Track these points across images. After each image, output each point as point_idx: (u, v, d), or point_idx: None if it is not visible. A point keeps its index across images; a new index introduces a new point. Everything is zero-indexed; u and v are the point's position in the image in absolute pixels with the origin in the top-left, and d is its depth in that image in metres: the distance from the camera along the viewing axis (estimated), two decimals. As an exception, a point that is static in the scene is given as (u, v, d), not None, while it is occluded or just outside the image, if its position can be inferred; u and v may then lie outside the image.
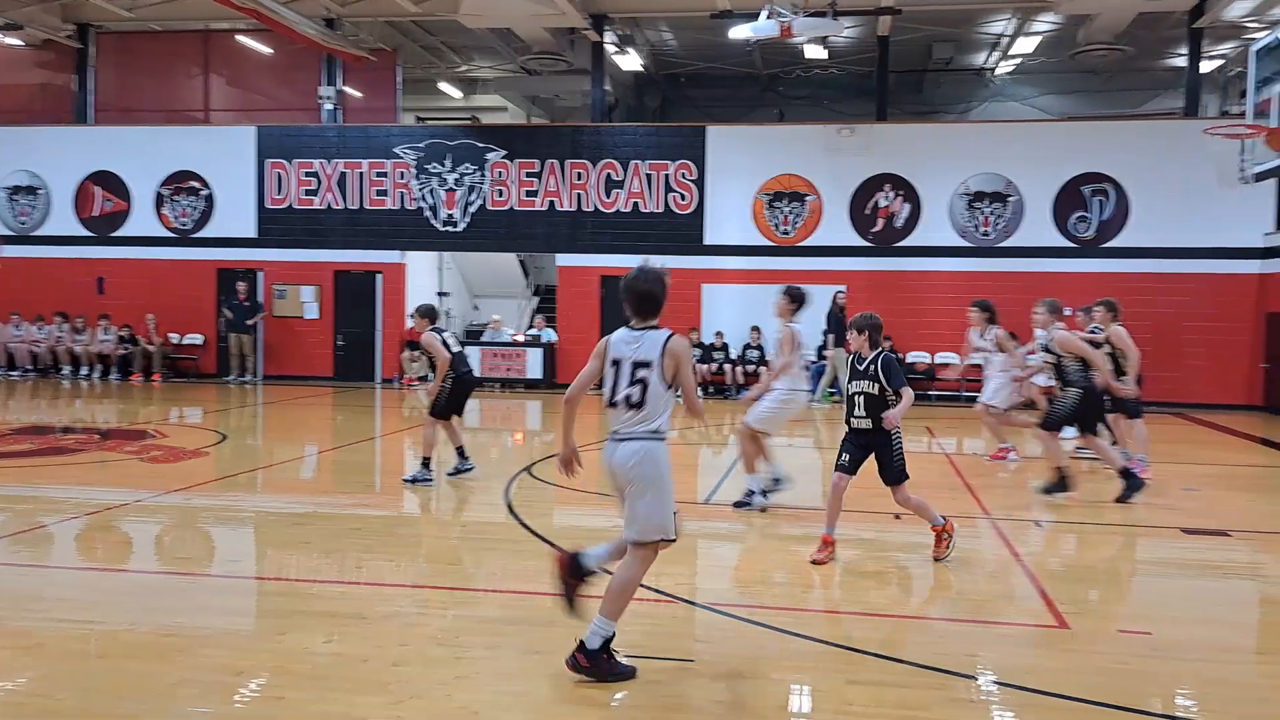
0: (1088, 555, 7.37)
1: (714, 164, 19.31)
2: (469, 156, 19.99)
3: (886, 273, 18.84)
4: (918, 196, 18.83)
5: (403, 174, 20.20)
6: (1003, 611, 5.83)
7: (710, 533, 7.79)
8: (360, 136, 20.48)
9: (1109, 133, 18.85)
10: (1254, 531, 8.03)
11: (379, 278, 20.51)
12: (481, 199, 19.97)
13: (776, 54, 22.45)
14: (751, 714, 4.17)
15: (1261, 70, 13.39)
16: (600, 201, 19.61)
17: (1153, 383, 17.65)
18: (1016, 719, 4.20)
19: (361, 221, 20.36)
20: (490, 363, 19.66)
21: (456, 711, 4.14)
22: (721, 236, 19.31)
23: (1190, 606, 6.01)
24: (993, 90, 24.73)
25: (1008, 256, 18.49)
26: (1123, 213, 18.22)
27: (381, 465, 11.45)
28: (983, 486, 9.68)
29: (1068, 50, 20.82)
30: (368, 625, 5.19)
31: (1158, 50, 21.48)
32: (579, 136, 19.93)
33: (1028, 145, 18.76)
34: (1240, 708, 4.34)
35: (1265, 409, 17.17)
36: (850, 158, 18.93)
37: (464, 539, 7.32)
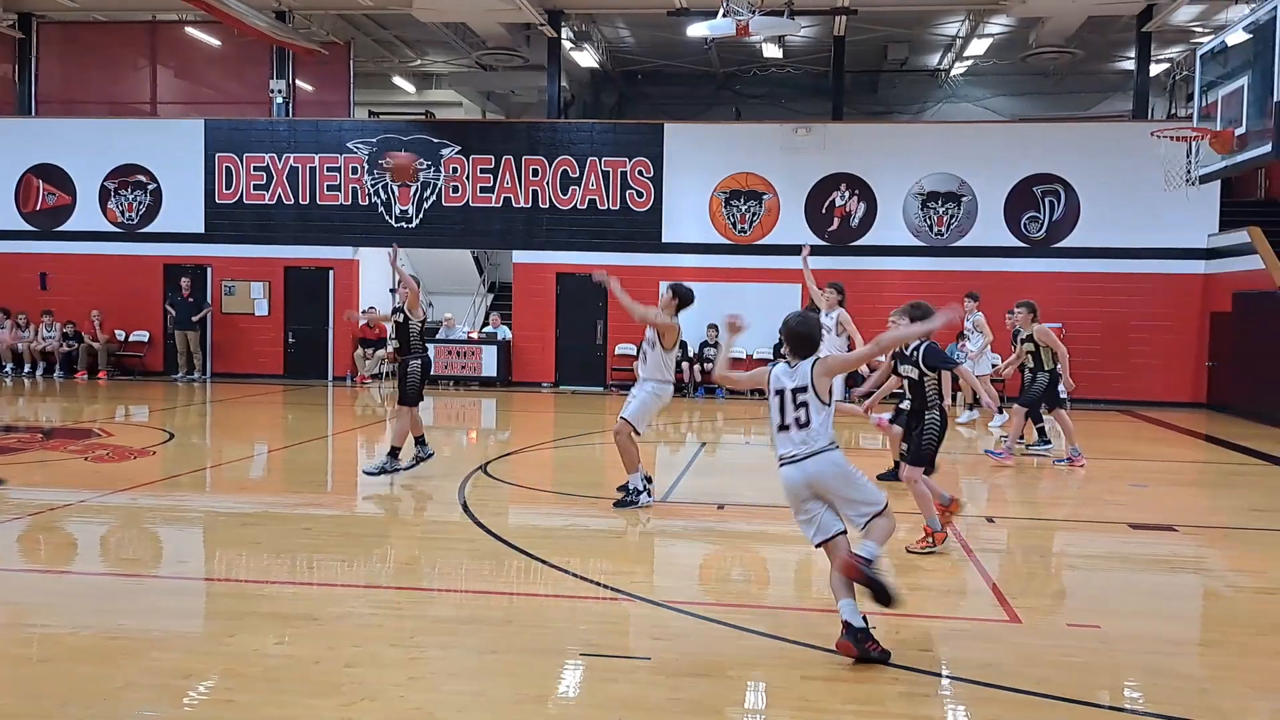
0: (1038, 550, 7.47)
1: (671, 162, 19.32)
2: (423, 151, 19.81)
3: (843, 272, 18.85)
4: (873, 196, 18.98)
5: (355, 169, 19.97)
6: (956, 606, 5.89)
7: (667, 531, 7.78)
8: (311, 131, 20.21)
9: (1059, 134, 19.13)
10: (1199, 526, 8.19)
11: (331, 274, 20.26)
12: (436, 195, 19.81)
13: (733, 52, 22.52)
14: (710, 712, 4.16)
15: (1207, 74, 13.65)
16: (556, 198, 19.53)
17: (1102, 381, 17.99)
18: (969, 712, 4.24)
19: (313, 217, 20.10)
20: (444, 360, 19.50)
21: (411, 712, 4.09)
22: (679, 234, 19.32)
23: (1137, 600, 6.11)
24: (946, 91, 24.99)
25: (961, 256, 18.70)
26: (1073, 213, 18.50)
27: (334, 464, 11.31)
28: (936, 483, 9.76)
29: (1019, 52, 21.10)
30: (320, 626, 5.11)
31: (1107, 53, 21.85)
32: (535, 133, 19.84)
33: (980, 146, 18.97)
34: (1184, 698, 4.42)
35: (1209, 406, 17.54)
36: (806, 157, 19.03)
37: (418, 538, 7.24)
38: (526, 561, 6.50)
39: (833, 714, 4.14)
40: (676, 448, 12.36)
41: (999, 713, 4.20)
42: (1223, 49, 13.20)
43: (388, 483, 9.23)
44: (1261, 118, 11.88)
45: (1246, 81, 12.36)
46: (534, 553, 6.65)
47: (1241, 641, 5.26)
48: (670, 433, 13.49)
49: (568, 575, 6.17)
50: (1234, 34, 12.84)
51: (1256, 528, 8.33)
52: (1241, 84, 12.49)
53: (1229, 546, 7.65)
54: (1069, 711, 4.23)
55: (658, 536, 7.57)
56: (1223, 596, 6.40)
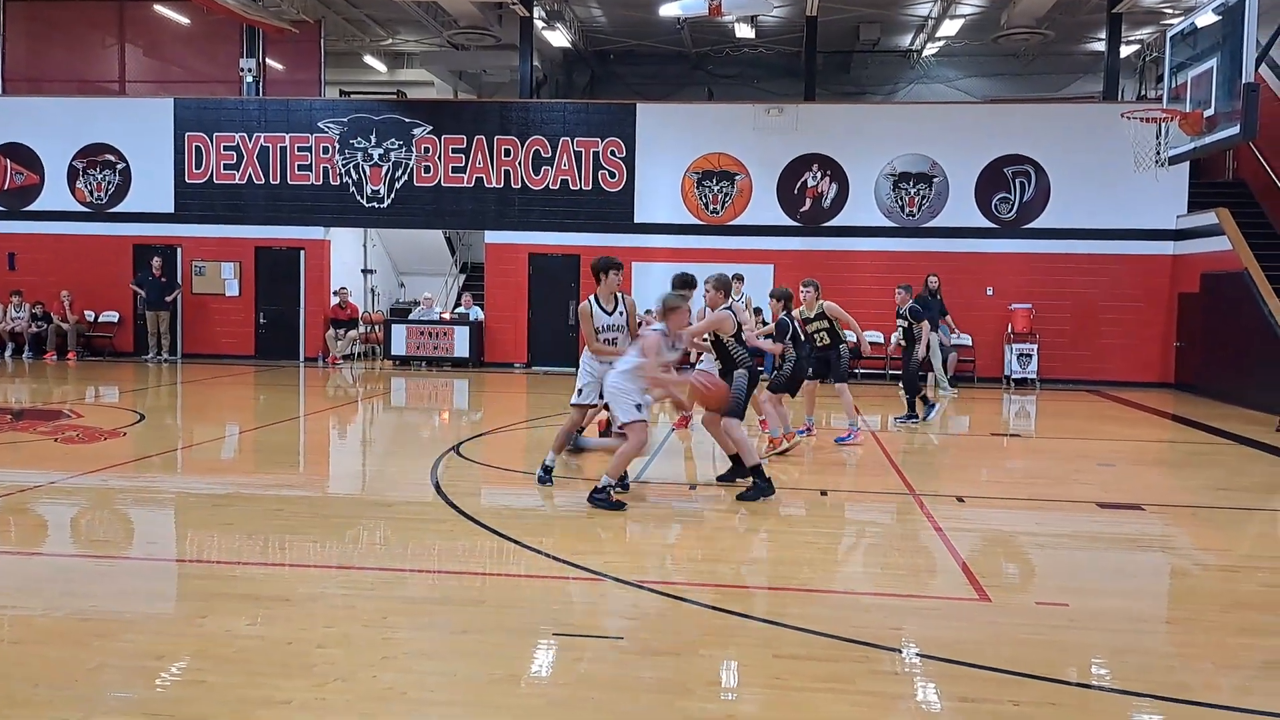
0: (1007, 529, 7.54)
1: (643, 142, 19.26)
2: (395, 131, 19.65)
3: (814, 252, 19.01)
4: (845, 176, 19.01)
5: (326, 149, 19.78)
6: (926, 585, 5.94)
7: (639, 511, 7.80)
8: (282, 110, 19.98)
9: (1030, 115, 19.22)
10: (1166, 505, 8.31)
11: (302, 254, 20.08)
12: (407, 175, 19.66)
13: (706, 32, 22.44)
14: (681, 691, 4.18)
15: (1177, 56, 13.73)
16: (529, 178, 19.44)
17: (1072, 361, 18.19)
18: (939, 690, 4.29)
19: (284, 197, 19.91)
20: (416, 341, 19.42)
21: (383, 692, 4.09)
22: (651, 215, 19.29)
23: (1105, 578, 6.19)
24: (918, 72, 25.04)
25: (932, 237, 18.80)
26: (1043, 194, 18.62)
27: (306, 445, 11.24)
28: (907, 464, 9.85)
29: (991, 33, 21.16)
30: (292, 607, 5.09)
31: (1077, 35, 21.94)
32: (507, 113, 19.71)
33: (952, 127, 19.04)
34: (1151, 675, 4.48)
35: (1177, 386, 17.76)
36: (778, 137, 19.03)
37: (391, 519, 7.21)
38: (499, 542, 6.50)
39: (803, 692, 4.17)
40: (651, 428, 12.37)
41: (968, 690, 4.24)
42: (1192, 30, 13.28)
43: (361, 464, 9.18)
44: (1230, 99, 11.98)
45: (1215, 63, 12.45)
46: (506, 533, 6.65)
47: (1207, 618, 5.34)
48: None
49: (540, 555, 6.18)
50: (1203, 16, 12.92)
51: (1222, 506, 8.46)
52: (1210, 66, 12.58)
53: (1195, 525, 7.77)
54: (1038, 689, 4.28)
55: (629, 518, 7.58)
56: (1189, 574, 6.50)
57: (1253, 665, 4.62)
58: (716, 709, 4.04)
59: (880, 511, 7.90)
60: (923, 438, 11.83)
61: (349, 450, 11.43)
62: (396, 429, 13.30)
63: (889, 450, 10.62)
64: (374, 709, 3.94)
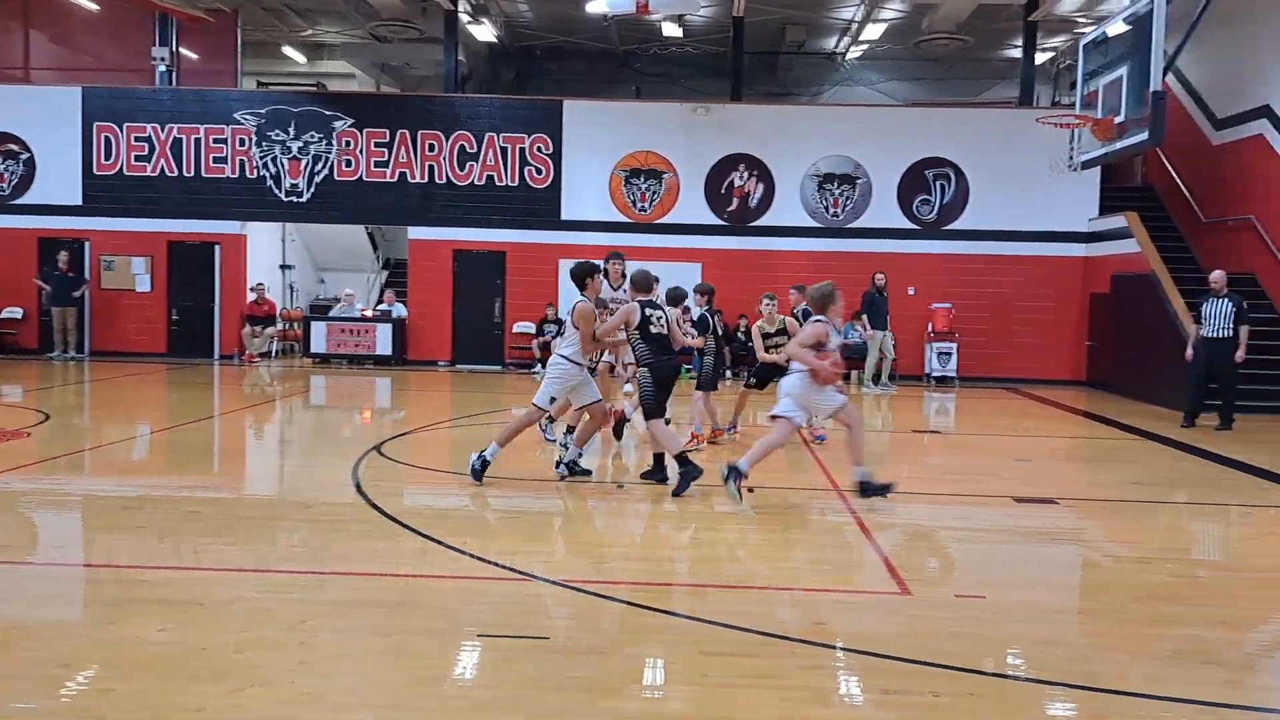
0: (928, 524, 7.67)
1: (571, 139, 19.18)
2: (314, 124, 19.26)
3: (742, 251, 19.15)
4: (771, 177, 19.18)
5: (243, 141, 19.30)
6: (850, 580, 6.01)
7: (566, 510, 7.75)
8: (197, 101, 19.44)
9: (950, 119, 19.61)
10: (1079, 499, 8.53)
11: (217, 249, 19.57)
12: (328, 168, 19.29)
13: (633, 30, 22.45)
14: (609, 690, 4.15)
15: (1089, 63, 14.15)
16: (453, 174, 19.22)
17: (990, 359, 18.61)
18: (862, 683, 4.33)
19: (198, 190, 19.37)
20: (337, 338, 19.06)
21: (301, 697, 3.98)
22: (579, 212, 19.22)
23: (1021, 571, 6.33)
24: (842, 75, 25.39)
25: (856, 238, 19.06)
26: (963, 196, 19.02)
27: (221, 446, 10.94)
28: (833, 461, 9.96)
29: (912, 38, 21.55)
30: (206, 612, 4.94)
31: (995, 41, 22.47)
32: (431, 107, 19.46)
33: (875, 129, 19.32)
34: (1065, 665, 4.59)
35: (1089, 384, 18.29)
36: (706, 137, 19.12)
37: (310, 521, 7.05)
38: (422, 542, 6.39)
39: (731, 688, 4.17)
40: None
41: (891, 683, 4.29)
42: (1104, 39, 13.70)
43: (279, 465, 8.95)
44: (1139, 106, 12.38)
45: (1126, 71, 12.86)
46: (429, 533, 6.55)
47: (1119, 609, 5.49)
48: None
49: (464, 556, 6.09)
50: (1114, 25, 13.33)
51: (1132, 500, 8.72)
52: (1121, 74, 12.99)
53: (1107, 518, 7.99)
54: (957, 680, 4.35)
55: (556, 516, 7.53)
56: (1101, 566, 6.68)
57: (1161, 654, 4.75)
58: (643, 707, 4.02)
59: (806, 508, 7.97)
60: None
61: (266, 450, 11.16)
62: (316, 428, 13.02)
63: (813, 447, 10.73)
64: (292, 714, 3.83)
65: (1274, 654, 5.06)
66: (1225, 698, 4.23)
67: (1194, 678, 4.44)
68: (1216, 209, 17.82)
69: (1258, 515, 8.07)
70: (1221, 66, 17.84)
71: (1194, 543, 7.01)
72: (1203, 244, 18.14)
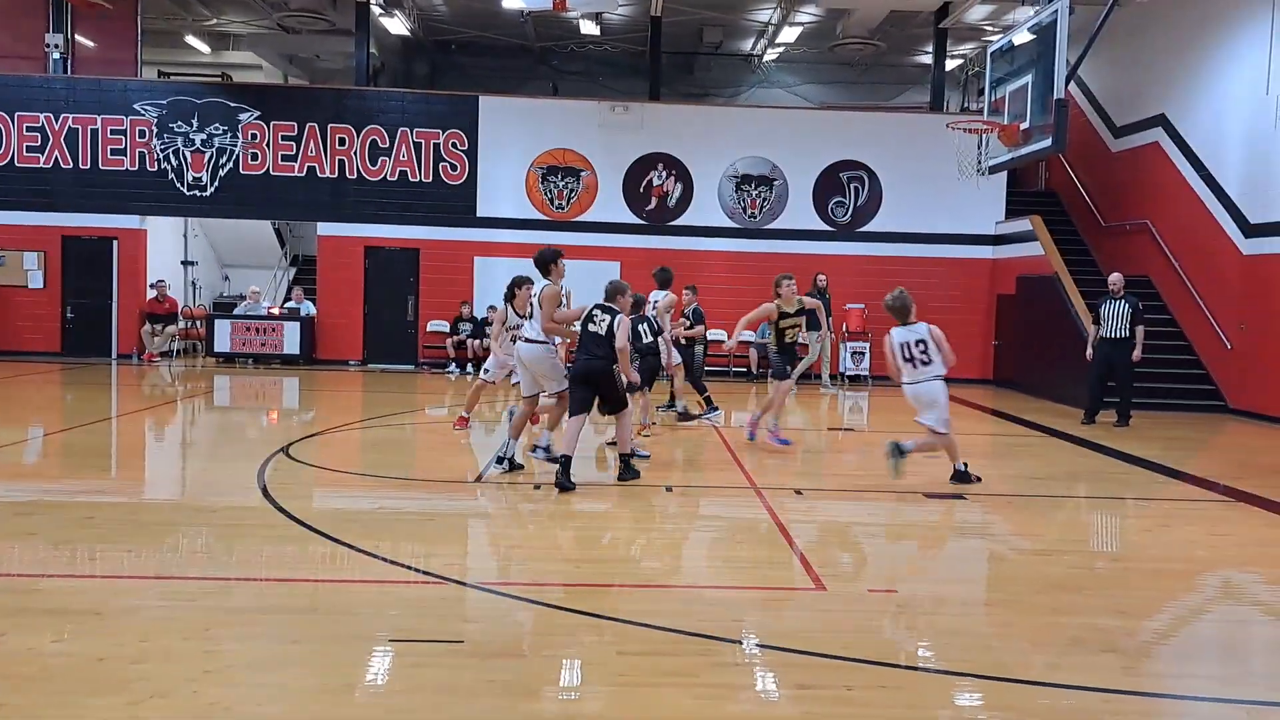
0: (842, 520, 7.78)
1: (486, 135, 19.00)
2: (219, 116, 18.72)
3: (660, 251, 19.17)
4: (690, 177, 19.27)
5: (143, 132, 18.66)
6: (766, 577, 6.05)
7: (481, 511, 7.66)
8: (93, 90, 18.73)
9: (863, 123, 19.95)
10: (986, 494, 8.74)
11: (115, 244, 18.89)
12: (233, 162, 18.77)
13: (550, 27, 22.34)
14: (525, 692, 4.10)
15: (996, 71, 14.51)
16: (365, 169, 18.88)
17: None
18: (778, 678, 4.35)
19: (95, 182, 18.67)
20: (242, 337, 18.56)
21: (205, 708, 3.84)
22: (494, 209, 19.05)
23: (931, 565, 6.45)
24: (760, 76, 25.64)
25: (773, 239, 19.27)
26: (876, 199, 19.37)
27: (119, 448, 10.55)
28: (749, 458, 10.04)
29: (827, 42, 21.87)
30: (103, 621, 4.74)
31: (907, 47, 22.95)
32: (342, 100, 19.07)
33: (791, 131, 19.56)
34: (972, 654, 4.69)
35: (995, 382, 18.80)
36: (624, 135, 19.12)
37: (213, 525, 6.82)
38: (332, 546, 6.24)
39: (648, 688, 4.16)
40: (492, 427, 12.20)
41: (805, 678, 4.33)
42: (1010, 48, 14.06)
43: (181, 468, 8.66)
44: (1044, 114, 12.73)
45: (1031, 79, 13.21)
46: (339, 537, 6.40)
47: (1022, 600, 5.63)
48: (485, 412, 13.29)
49: (376, 559, 5.97)
50: (1020, 34, 13.69)
51: (1035, 494, 8.98)
52: (1026, 82, 13.34)
53: (1011, 513, 8.20)
54: (869, 673, 4.41)
55: (471, 517, 7.44)
56: (1006, 559, 6.85)
57: (1061, 642, 4.88)
58: (559, 709, 3.98)
59: (723, 505, 8.02)
60: (765, 433, 12.06)
61: (167, 453, 10.79)
62: (220, 430, 12.64)
63: (731, 445, 10.80)
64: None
65: (1168, 641, 5.25)
66: (1123, 684, 4.38)
67: (1093, 665, 4.58)
68: (1115, 214, 18.48)
69: (1153, 508, 8.37)
70: (1120, 76, 18.51)
71: (1093, 535, 7.24)
72: (1102, 247, 18.81)
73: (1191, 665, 4.86)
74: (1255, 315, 14.51)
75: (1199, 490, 9.13)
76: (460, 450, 10.23)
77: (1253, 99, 14.60)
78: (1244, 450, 10.55)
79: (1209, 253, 15.64)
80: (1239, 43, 15.07)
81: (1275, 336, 14.06)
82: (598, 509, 7.56)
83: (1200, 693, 4.41)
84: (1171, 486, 9.35)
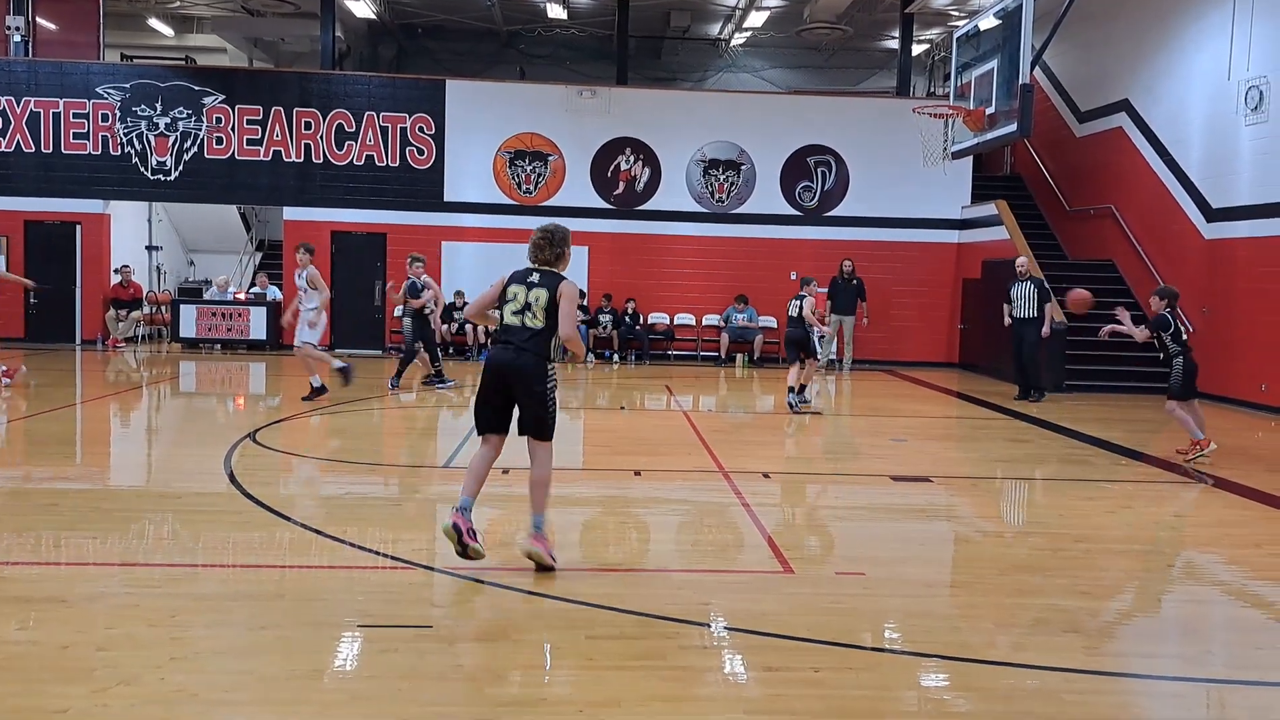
0: (809, 503, 7.84)
1: (453, 119, 18.87)
2: (183, 99, 18.46)
3: (629, 235, 19.18)
4: (658, 161, 19.25)
5: (106, 116, 18.38)
6: (734, 560, 6.09)
7: (449, 497, 7.64)
8: (55, 73, 18.41)
9: (830, 108, 20.00)
10: (952, 477, 8.84)
11: (78, 229, 18.62)
12: (197, 146, 18.53)
13: (517, 10, 22.19)
14: (493, 677, 4.11)
15: (962, 56, 14.59)
16: (331, 153, 18.70)
17: (868, 342, 19.10)
18: (745, 661, 4.39)
19: (57, 167, 18.38)
20: (208, 323, 18.37)
21: (172, 695, 3.82)
22: (462, 194, 18.95)
23: (898, 547, 6.52)
24: (726, 61, 25.61)
25: (741, 223, 19.30)
26: (843, 183, 19.44)
27: (84, 434, 10.42)
28: (717, 442, 10.08)
29: (794, 27, 21.87)
30: (68, 609, 4.70)
31: (874, 32, 23.00)
32: (307, 84, 18.86)
33: (758, 116, 19.56)
34: (938, 636, 4.75)
35: (961, 366, 18.97)
36: (592, 120, 19.05)
37: (180, 511, 6.77)
38: (299, 532, 6.22)
39: (616, 671, 4.18)
40: (460, 412, 12.17)
41: (772, 660, 4.37)
42: (976, 33, 14.14)
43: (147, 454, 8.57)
44: (1009, 99, 12.83)
45: (996, 65, 13.30)
46: (307, 523, 6.38)
47: (986, 581, 5.71)
48: (453, 398, 13.26)
49: (344, 545, 5.96)
50: (985, 19, 13.77)
51: (999, 477, 9.10)
52: (992, 67, 13.43)
53: (976, 495, 8.30)
54: (836, 654, 4.45)
55: (439, 503, 7.42)
56: (971, 541, 6.94)
57: (1025, 623, 4.96)
58: (527, 693, 3.99)
59: (691, 489, 8.05)
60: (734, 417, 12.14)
61: (132, 439, 10.67)
62: (185, 416, 12.51)
63: (700, 429, 10.84)
64: (162, 713, 3.68)
65: (1130, 621, 5.34)
66: (1085, 664, 4.45)
67: (1056, 645, 4.65)
68: (1079, 198, 18.67)
69: (1115, 490, 8.50)
70: (1085, 62, 18.67)
71: (1056, 517, 7.34)
72: (1067, 232, 19.00)
73: (1152, 645, 4.94)
74: (1217, 299, 14.74)
75: (1161, 472, 9.28)
76: (428, 435, 10.20)
77: (1215, 84, 14.79)
78: (1205, 432, 10.74)
79: (1172, 237, 15.85)
80: (1201, 29, 15.25)
81: (1236, 320, 14.29)
82: (565, 494, 7.56)
83: (1161, 672, 4.49)
84: (1134, 468, 9.49)
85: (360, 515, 6.86)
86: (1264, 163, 13.73)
